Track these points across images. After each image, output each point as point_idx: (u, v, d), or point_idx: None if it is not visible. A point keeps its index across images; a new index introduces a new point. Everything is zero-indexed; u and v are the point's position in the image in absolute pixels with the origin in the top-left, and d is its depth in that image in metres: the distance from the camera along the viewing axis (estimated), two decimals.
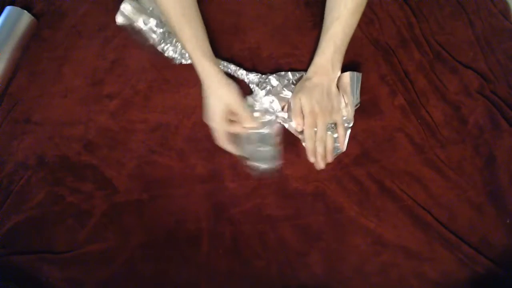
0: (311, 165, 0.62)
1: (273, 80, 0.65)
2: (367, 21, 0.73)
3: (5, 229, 0.58)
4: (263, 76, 0.66)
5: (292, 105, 0.63)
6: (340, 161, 0.62)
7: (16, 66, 0.70)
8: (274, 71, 0.68)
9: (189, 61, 0.68)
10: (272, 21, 0.73)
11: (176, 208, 0.60)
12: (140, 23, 0.68)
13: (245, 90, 0.67)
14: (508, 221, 0.57)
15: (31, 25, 0.72)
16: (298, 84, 0.65)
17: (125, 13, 0.68)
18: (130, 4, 0.68)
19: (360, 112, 0.65)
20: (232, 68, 0.67)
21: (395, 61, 0.69)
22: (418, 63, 0.69)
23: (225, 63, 0.67)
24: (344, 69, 0.64)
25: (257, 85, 0.65)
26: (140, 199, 0.60)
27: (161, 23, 0.69)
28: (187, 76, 0.68)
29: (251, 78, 0.66)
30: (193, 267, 0.57)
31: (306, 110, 0.60)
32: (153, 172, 0.62)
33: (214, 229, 0.58)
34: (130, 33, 0.69)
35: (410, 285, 0.55)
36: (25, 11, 0.71)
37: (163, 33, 0.69)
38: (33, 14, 0.73)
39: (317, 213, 0.59)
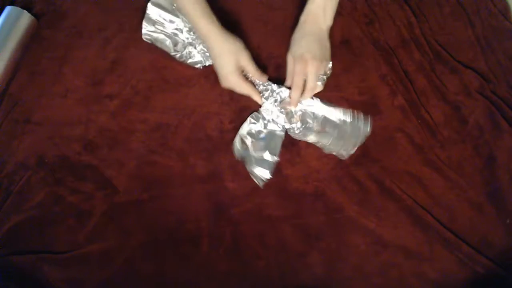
0: (311, 165, 0.62)
1: (285, 92, 0.64)
2: (367, 21, 0.73)
3: (5, 229, 0.58)
4: (265, 84, 0.65)
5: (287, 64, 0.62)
6: (340, 161, 0.62)
7: (16, 66, 0.70)
8: (274, 70, 0.68)
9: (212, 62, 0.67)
10: (272, 21, 0.73)
11: (176, 208, 0.60)
12: (167, 22, 0.69)
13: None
14: (508, 221, 0.58)
15: (31, 25, 0.72)
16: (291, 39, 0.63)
17: (154, 12, 0.69)
18: (158, 1, 0.69)
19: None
20: None
21: (395, 61, 0.69)
22: (418, 63, 0.69)
23: None
24: (344, 70, 0.64)
25: (261, 93, 0.65)
26: (140, 199, 0.60)
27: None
28: (187, 76, 0.68)
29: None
30: (193, 267, 0.57)
31: (296, 57, 0.58)
32: (153, 172, 0.62)
33: (214, 229, 0.58)
34: (153, 41, 0.70)
35: (410, 285, 0.55)
36: (25, 11, 0.71)
37: (188, 31, 0.69)
38: (33, 14, 0.73)
39: (317, 213, 0.59)
